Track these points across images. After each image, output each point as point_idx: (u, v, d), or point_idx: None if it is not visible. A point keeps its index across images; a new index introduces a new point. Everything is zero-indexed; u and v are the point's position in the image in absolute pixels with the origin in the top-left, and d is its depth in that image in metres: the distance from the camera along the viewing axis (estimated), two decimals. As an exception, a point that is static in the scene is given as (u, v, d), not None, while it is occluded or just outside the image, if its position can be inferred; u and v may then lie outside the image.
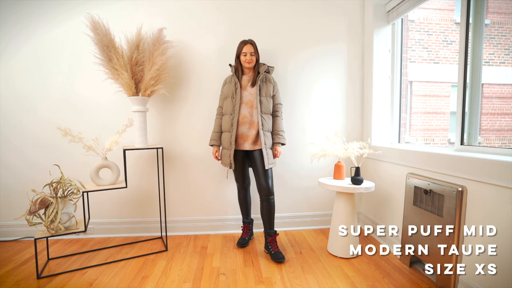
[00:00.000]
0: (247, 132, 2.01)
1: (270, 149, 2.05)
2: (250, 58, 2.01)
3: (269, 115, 2.07)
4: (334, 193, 2.57)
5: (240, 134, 2.02)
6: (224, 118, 2.08)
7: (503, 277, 1.32)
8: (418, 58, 6.70)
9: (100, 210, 2.39)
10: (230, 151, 2.00)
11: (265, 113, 2.04)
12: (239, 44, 2.04)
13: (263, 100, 2.02)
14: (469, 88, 1.68)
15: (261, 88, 2.03)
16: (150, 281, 1.72)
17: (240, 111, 2.00)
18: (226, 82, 2.12)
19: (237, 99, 1.99)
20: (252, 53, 2.02)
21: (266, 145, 2.01)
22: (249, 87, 2.03)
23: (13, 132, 2.29)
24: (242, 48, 2.02)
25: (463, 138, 1.72)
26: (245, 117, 2.00)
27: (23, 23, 2.24)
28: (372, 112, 2.45)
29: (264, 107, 2.03)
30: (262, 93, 2.02)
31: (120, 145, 2.32)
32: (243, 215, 2.30)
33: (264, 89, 2.04)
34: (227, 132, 2.03)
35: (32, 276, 1.77)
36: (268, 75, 2.08)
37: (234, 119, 1.99)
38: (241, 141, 2.03)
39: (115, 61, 1.95)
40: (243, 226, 2.29)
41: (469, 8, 1.66)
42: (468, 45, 1.67)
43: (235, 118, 1.99)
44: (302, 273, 1.81)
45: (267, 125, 2.04)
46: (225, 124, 2.04)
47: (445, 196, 1.59)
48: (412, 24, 6.64)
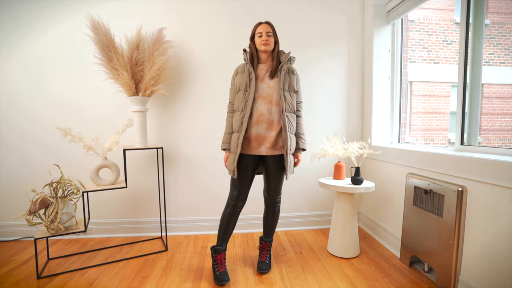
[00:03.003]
0: (264, 134, 1.64)
1: (292, 155, 1.73)
2: (266, 39, 1.63)
3: (293, 114, 1.73)
4: (334, 193, 2.58)
5: (255, 136, 1.65)
6: (234, 116, 1.70)
7: (503, 277, 1.32)
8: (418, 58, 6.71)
9: (100, 210, 2.39)
10: (235, 156, 1.64)
11: (290, 111, 1.69)
12: (254, 26, 1.69)
13: (287, 95, 1.67)
14: (469, 88, 1.68)
15: (284, 80, 1.66)
16: (150, 281, 1.72)
17: (254, 106, 1.64)
18: (238, 72, 1.73)
19: (251, 92, 1.62)
20: (269, 33, 1.64)
21: (290, 150, 1.68)
22: (268, 78, 1.67)
23: (13, 132, 2.29)
24: (257, 27, 1.66)
25: (463, 138, 1.72)
26: (262, 114, 1.63)
27: (23, 23, 2.24)
28: (372, 112, 2.46)
29: (289, 104, 1.68)
30: (285, 87, 1.67)
31: (120, 145, 2.32)
32: (220, 240, 1.76)
33: (288, 82, 1.68)
34: (236, 132, 1.67)
35: (32, 276, 1.77)
36: (291, 66, 1.73)
37: (245, 117, 1.62)
38: (255, 144, 1.66)
39: (115, 61, 1.95)
40: (218, 256, 1.75)
41: (469, 8, 1.66)
42: (468, 45, 1.67)
43: (246, 115, 1.62)
44: (302, 273, 1.81)
45: (292, 126, 1.70)
46: (235, 123, 1.68)
47: (445, 196, 1.59)
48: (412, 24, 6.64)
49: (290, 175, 1.74)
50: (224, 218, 1.75)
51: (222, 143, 1.76)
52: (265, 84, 1.66)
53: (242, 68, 1.72)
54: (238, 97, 1.68)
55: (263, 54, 1.69)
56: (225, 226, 1.75)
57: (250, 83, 1.64)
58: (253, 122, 1.64)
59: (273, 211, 1.86)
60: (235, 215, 1.76)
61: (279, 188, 1.81)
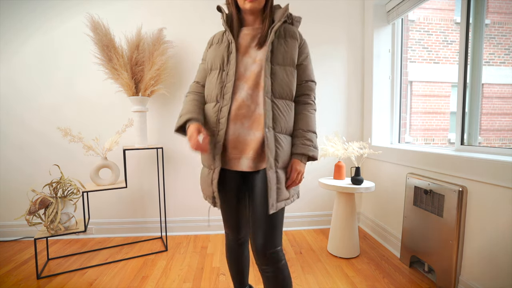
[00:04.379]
0: (245, 135, 1.05)
1: (284, 169, 1.06)
2: None
3: (289, 101, 1.10)
4: (334, 193, 2.58)
5: (234, 140, 1.05)
6: (206, 108, 1.13)
7: (503, 277, 1.32)
8: (418, 58, 6.71)
9: (100, 210, 2.39)
10: (213, 173, 1.07)
11: (282, 96, 1.07)
12: None
13: (279, 71, 1.06)
14: (469, 88, 1.68)
15: (276, 48, 1.06)
16: (150, 281, 1.72)
17: (235, 93, 1.06)
18: (213, 42, 1.17)
19: (231, 71, 1.06)
20: None
21: (277, 162, 1.03)
22: (254, 48, 1.08)
23: (13, 132, 2.29)
24: None
25: (463, 138, 1.72)
26: (242, 105, 1.05)
27: (23, 23, 2.24)
28: (372, 112, 2.45)
29: (280, 85, 1.06)
30: (277, 58, 1.06)
31: (120, 145, 2.32)
32: (234, 282, 1.36)
33: (283, 51, 1.07)
34: (210, 135, 1.09)
35: (32, 276, 1.77)
36: (290, 27, 1.13)
37: (222, 111, 1.05)
38: (233, 154, 1.06)
39: (115, 61, 1.95)
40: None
41: (469, 8, 1.66)
42: (468, 45, 1.67)
43: (225, 108, 1.05)
44: (302, 273, 1.81)
45: (285, 121, 1.07)
46: (208, 120, 1.10)
47: (445, 196, 1.59)
48: (412, 24, 6.65)
49: (283, 205, 1.05)
50: (232, 258, 1.30)
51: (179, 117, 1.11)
52: (249, 58, 1.07)
53: (219, 36, 1.15)
54: (211, 80, 1.11)
55: (248, 15, 1.09)
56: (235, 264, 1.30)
57: (229, 58, 1.07)
58: (231, 117, 1.05)
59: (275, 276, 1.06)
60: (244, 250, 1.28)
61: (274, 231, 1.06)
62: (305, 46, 1.15)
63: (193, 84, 1.20)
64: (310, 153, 1.06)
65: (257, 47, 1.08)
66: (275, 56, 1.06)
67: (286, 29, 1.11)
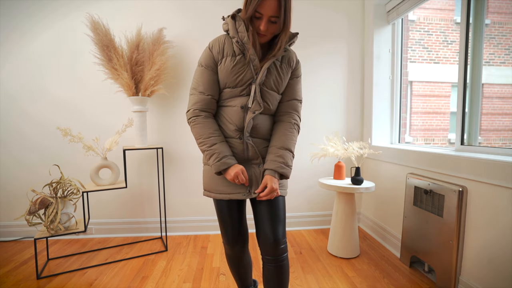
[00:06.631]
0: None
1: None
2: (265, 28, 1.01)
3: (270, 116, 1.18)
4: (334, 193, 2.58)
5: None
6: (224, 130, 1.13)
7: (503, 277, 1.32)
8: (418, 58, 6.71)
9: (100, 210, 2.39)
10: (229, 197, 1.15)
11: (265, 112, 1.14)
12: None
13: (267, 93, 1.11)
14: (469, 88, 1.68)
15: (269, 74, 1.09)
16: (150, 281, 1.71)
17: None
18: (228, 54, 1.08)
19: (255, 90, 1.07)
20: (274, 18, 1.00)
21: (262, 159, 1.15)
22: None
23: (13, 132, 2.29)
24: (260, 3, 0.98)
25: (463, 138, 1.72)
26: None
27: (23, 23, 2.23)
28: (372, 112, 2.45)
29: (268, 103, 1.12)
30: (269, 84, 1.10)
31: (120, 145, 2.32)
32: (238, 284, 1.37)
33: (274, 78, 1.10)
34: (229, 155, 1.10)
35: (32, 276, 1.77)
36: (288, 53, 1.14)
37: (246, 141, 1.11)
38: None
39: (115, 61, 1.95)
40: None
41: (469, 8, 1.66)
42: (468, 45, 1.67)
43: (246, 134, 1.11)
44: (302, 273, 1.81)
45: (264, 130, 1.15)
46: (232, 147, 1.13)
47: (445, 196, 1.59)
48: (412, 24, 6.65)
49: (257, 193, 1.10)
50: (229, 266, 1.32)
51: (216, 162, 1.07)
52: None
53: (227, 45, 1.09)
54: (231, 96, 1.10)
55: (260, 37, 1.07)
56: (238, 267, 1.30)
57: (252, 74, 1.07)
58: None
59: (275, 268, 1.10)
60: (245, 253, 1.28)
61: (284, 224, 1.13)
62: (297, 68, 1.18)
63: (203, 97, 1.10)
64: (280, 170, 1.09)
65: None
66: (265, 81, 1.10)
67: (285, 55, 1.14)
